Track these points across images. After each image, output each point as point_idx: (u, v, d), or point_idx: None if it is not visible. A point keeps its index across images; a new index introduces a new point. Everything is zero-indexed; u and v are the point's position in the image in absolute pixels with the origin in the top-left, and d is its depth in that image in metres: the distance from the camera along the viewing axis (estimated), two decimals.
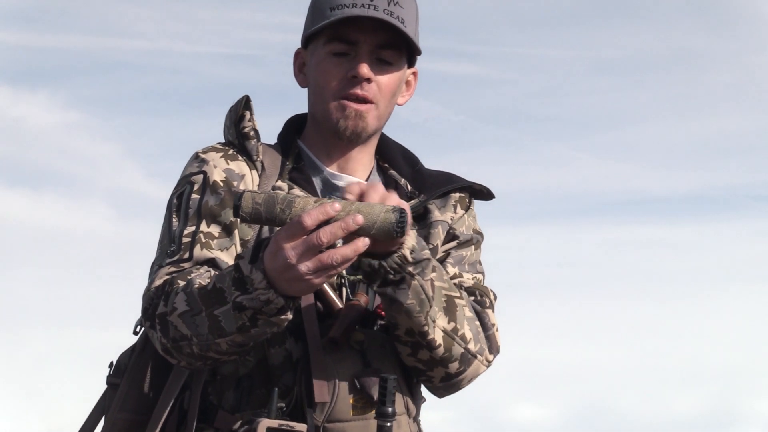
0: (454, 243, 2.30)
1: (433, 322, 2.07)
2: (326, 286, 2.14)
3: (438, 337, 2.09)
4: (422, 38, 2.29)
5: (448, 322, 2.10)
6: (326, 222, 1.83)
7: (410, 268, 2.00)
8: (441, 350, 2.10)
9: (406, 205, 1.92)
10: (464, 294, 2.19)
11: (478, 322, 2.18)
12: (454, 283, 2.20)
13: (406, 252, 1.98)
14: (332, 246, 1.84)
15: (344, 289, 2.18)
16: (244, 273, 1.89)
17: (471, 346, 2.14)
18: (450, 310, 2.10)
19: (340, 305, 2.14)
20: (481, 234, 2.37)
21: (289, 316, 1.93)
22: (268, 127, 2.34)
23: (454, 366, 2.14)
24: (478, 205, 2.40)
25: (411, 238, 1.99)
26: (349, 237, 1.85)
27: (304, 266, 1.82)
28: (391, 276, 2.00)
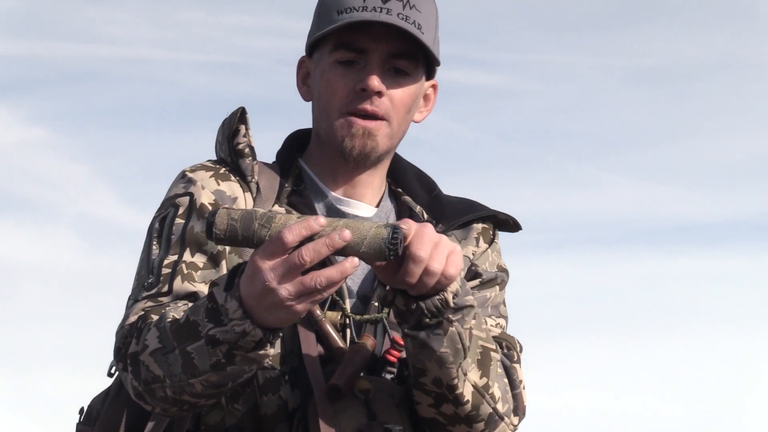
0: (476, 282, 2.12)
1: (465, 375, 1.90)
2: (329, 327, 1.98)
3: (467, 392, 1.91)
4: None
5: (480, 377, 1.92)
6: (310, 239, 1.67)
7: (450, 314, 1.83)
8: (468, 407, 1.92)
9: (457, 247, 1.79)
10: (497, 346, 2.01)
11: (506, 380, 2.01)
12: None
13: (449, 296, 1.81)
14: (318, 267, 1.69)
15: (349, 331, 2.00)
16: (218, 302, 1.73)
17: (499, 407, 1.97)
18: (484, 363, 1.93)
19: (344, 348, 1.97)
20: (506, 271, 2.19)
21: (270, 351, 1.77)
22: (260, 144, 2.17)
23: (479, 427, 1.96)
24: (501, 236, 2.22)
25: (456, 282, 1.81)
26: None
27: (285, 290, 1.67)
28: (427, 320, 1.82)
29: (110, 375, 2.09)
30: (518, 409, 2.01)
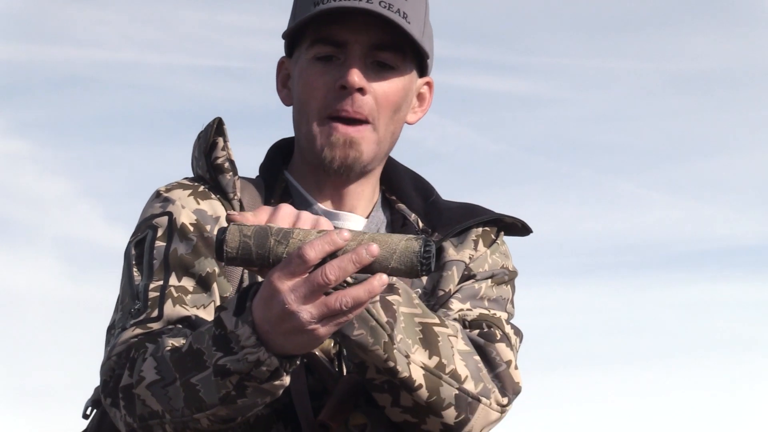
0: (469, 282, 1.98)
1: (406, 357, 1.75)
2: (320, 356, 1.85)
3: (417, 375, 1.77)
4: (451, 47, 2.00)
5: (430, 357, 1.78)
6: (333, 255, 1.58)
7: None
8: (424, 392, 1.78)
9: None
10: (453, 323, 1.86)
11: (478, 357, 1.85)
12: (454, 318, 1.89)
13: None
14: (341, 287, 1.59)
15: (342, 359, 1.87)
16: (227, 328, 1.64)
17: (469, 387, 1.81)
18: (429, 341, 1.79)
19: (337, 379, 1.84)
20: (511, 271, 2.03)
21: (286, 381, 1.67)
22: (260, 157, 2.05)
23: (450, 414, 1.80)
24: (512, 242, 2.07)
25: None
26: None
27: (307, 312, 1.57)
28: None
29: (86, 416, 1.98)
30: (505, 387, 1.86)
